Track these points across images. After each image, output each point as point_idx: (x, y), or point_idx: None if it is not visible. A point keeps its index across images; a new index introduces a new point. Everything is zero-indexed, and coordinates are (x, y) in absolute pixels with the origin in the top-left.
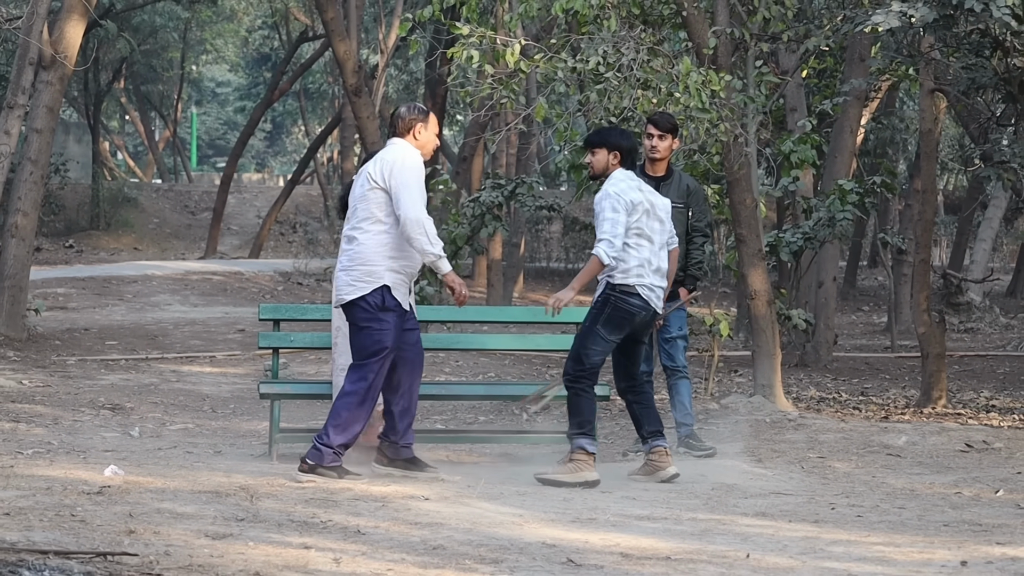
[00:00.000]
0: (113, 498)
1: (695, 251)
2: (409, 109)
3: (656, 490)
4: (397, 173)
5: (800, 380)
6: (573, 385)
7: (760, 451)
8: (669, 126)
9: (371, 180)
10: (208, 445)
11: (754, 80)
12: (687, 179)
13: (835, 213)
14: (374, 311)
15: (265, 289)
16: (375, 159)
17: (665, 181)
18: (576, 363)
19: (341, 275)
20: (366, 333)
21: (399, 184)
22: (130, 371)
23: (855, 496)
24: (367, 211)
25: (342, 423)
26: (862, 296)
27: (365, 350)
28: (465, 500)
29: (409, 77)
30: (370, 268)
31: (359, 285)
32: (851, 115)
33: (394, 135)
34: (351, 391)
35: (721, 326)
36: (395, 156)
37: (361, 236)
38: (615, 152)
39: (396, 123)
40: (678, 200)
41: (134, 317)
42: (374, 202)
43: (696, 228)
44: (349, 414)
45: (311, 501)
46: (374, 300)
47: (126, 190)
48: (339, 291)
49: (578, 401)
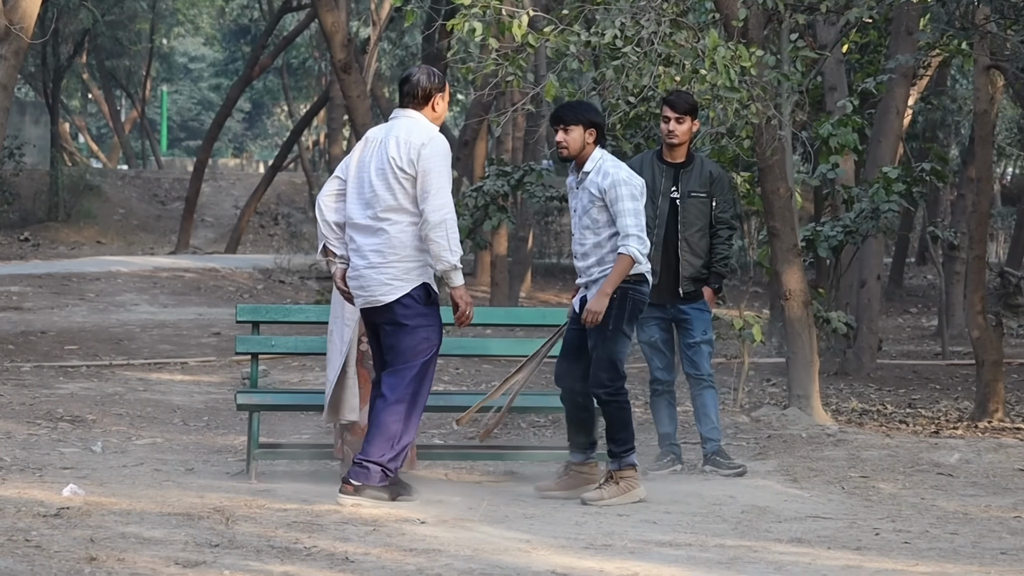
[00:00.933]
0: (72, 521)
1: (720, 245)
2: (429, 75)
3: (679, 513)
4: (427, 160)
5: (840, 390)
6: (615, 398)
7: (795, 470)
8: (687, 107)
9: (394, 166)
10: (179, 462)
11: (789, 56)
12: (709, 165)
13: (879, 204)
14: (420, 305)
15: (243, 288)
16: (393, 139)
17: (685, 168)
18: (612, 372)
19: (370, 273)
20: (413, 333)
21: (429, 175)
22: (92, 379)
23: (902, 520)
24: (392, 200)
25: (391, 436)
26: (909, 297)
27: (413, 350)
28: (466, 524)
29: (404, 52)
30: (408, 265)
31: (396, 284)
32: (897, 95)
33: (408, 105)
34: (399, 399)
35: (752, 330)
36: (422, 137)
37: (391, 228)
38: (592, 129)
39: (413, 90)
40: (700, 189)
41: (97, 319)
42: (400, 191)
43: (721, 220)
44: (398, 425)
45: (294, 525)
46: (418, 294)
47: (88, 177)
48: (371, 292)
49: (622, 415)
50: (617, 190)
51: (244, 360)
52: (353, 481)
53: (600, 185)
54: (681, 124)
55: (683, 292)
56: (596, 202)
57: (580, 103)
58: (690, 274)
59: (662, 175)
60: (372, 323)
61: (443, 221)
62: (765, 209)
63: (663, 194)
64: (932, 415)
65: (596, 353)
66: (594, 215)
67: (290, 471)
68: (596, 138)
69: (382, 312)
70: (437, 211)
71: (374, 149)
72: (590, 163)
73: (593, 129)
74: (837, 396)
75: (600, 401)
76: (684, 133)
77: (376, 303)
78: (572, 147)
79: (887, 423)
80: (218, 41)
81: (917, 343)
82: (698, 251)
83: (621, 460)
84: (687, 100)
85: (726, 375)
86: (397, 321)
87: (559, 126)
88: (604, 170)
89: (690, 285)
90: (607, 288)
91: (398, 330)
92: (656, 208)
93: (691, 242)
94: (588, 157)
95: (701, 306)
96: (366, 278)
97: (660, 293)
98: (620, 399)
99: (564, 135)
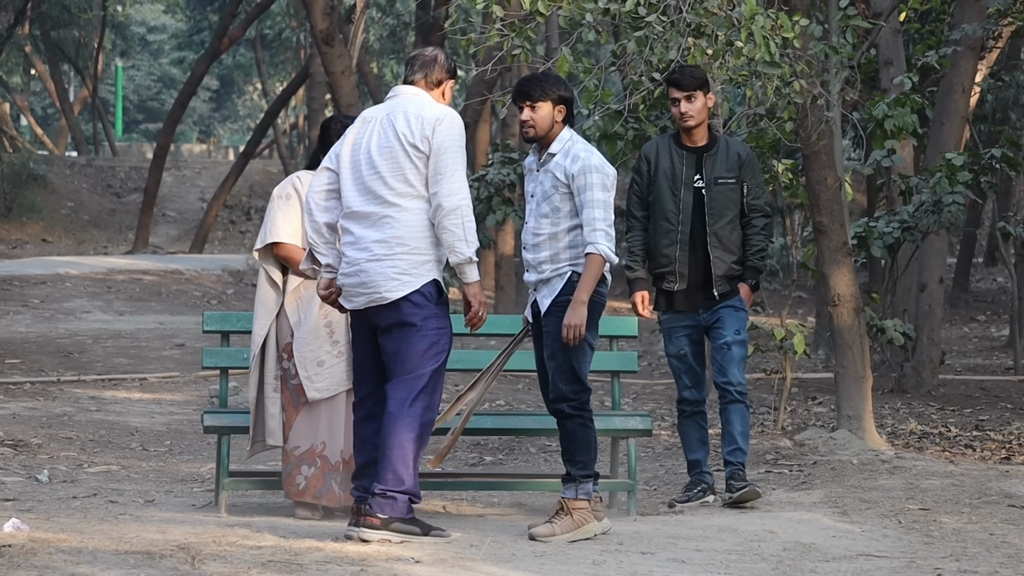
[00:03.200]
0: (15, 560)
1: (754, 236)
2: (447, 58)
3: (711, 551)
4: (443, 137)
5: (897, 410)
6: (580, 413)
7: (845, 501)
8: (696, 82)
9: (405, 143)
10: (137, 492)
11: (838, 25)
12: (736, 146)
13: (942, 196)
14: (431, 304)
15: (210, 293)
16: (401, 114)
17: (709, 152)
18: (575, 384)
19: (374, 267)
20: (423, 335)
21: (445, 153)
22: (37, 397)
23: (967, 559)
24: (402, 182)
25: (409, 457)
26: (977, 302)
27: (423, 356)
28: (466, 563)
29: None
30: (418, 258)
31: (405, 278)
32: (962, 70)
33: (416, 83)
34: (413, 414)
35: (795, 341)
36: (436, 112)
37: (399, 216)
38: (561, 106)
39: (425, 69)
40: (728, 174)
41: (42, 328)
42: (412, 171)
43: (754, 207)
44: (415, 444)
45: (270, 564)
46: (429, 291)
47: (31, 165)
48: (374, 288)
49: (586, 433)
50: (587, 177)
51: (212, 375)
52: (380, 515)
53: (568, 170)
54: (693, 102)
55: (718, 293)
56: (560, 188)
57: (547, 75)
58: (724, 272)
59: (682, 162)
60: (369, 328)
61: (459, 207)
62: (810, 202)
63: (685, 184)
64: (1002, 438)
65: (555, 362)
66: (556, 203)
67: (265, 503)
68: (565, 116)
69: (387, 312)
70: (452, 195)
71: (374, 128)
72: (557, 144)
73: (562, 106)
74: (893, 416)
75: (561, 416)
76: (699, 111)
77: (381, 301)
78: (540, 126)
79: (950, 448)
80: (181, 8)
81: (985, 356)
82: (730, 245)
83: (578, 487)
84: (692, 74)
85: (765, 392)
86: (406, 321)
87: (525, 103)
88: (574, 153)
89: (725, 285)
90: (581, 295)
91: (406, 332)
92: (678, 200)
93: (721, 236)
94: (555, 137)
95: (736, 303)
96: (368, 272)
97: (690, 297)
98: (585, 414)
99: (531, 112)
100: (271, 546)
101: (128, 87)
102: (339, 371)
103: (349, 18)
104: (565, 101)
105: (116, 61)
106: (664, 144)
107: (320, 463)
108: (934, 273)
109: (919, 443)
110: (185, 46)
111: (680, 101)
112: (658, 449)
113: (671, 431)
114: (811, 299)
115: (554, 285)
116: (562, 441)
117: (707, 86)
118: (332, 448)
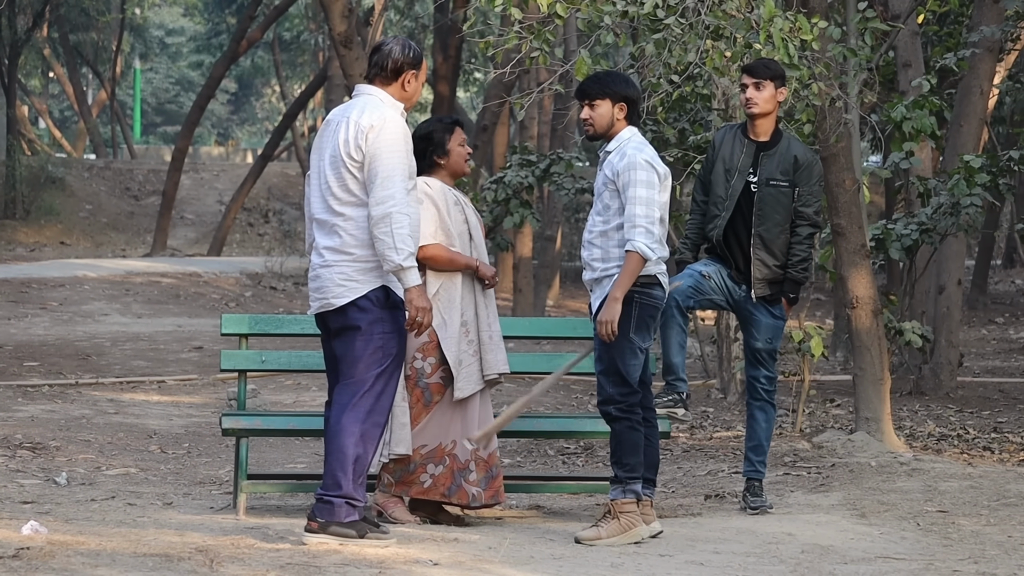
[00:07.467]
0: (33, 563)
1: (798, 246)
2: (404, 48)
3: (730, 553)
4: (374, 144)
5: (915, 412)
6: (627, 416)
7: (863, 503)
8: (769, 72)
9: (342, 153)
10: (155, 495)
11: (856, 27)
12: (797, 147)
13: (960, 198)
14: (377, 308)
15: (229, 295)
16: (345, 122)
17: (768, 150)
18: (622, 386)
19: (325, 273)
20: (367, 340)
21: (376, 160)
22: (55, 400)
23: (986, 562)
24: (344, 190)
25: (348, 460)
26: (995, 305)
27: (367, 360)
28: (485, 566)
29: (414, 23)
30: (364, 265)
31: (351, 284)
32: (981, 72)
33: (374, 80)
34: (353, 418)
35: (813, 343)
36: (371, 119)
37: (344, 224)
38: (622, 103)
39: (381, 62)
40: (781, 176)
41: (60, 331)
42: (351, 180)
43: (802, 214)
44: (356, 448)
45: (288, 567)
46: (376, 296)
47: (50, 168)
48: (324, 294)
49: (632, 436)
50: (632, 174)
51: (230, 378)
52: (319, 518)
53: (615, 167)
54: (761, 91)
55: (756, 297)
56: (609, 185)
57: (608, 73)
58: (764, 275)
59: (742, 151)
60: (327, 330)
61: (387, 215)
62: (828, 204)
63: (739, 172)
64: (1021, 440)
65: (602, 364)
66: (606, 200)
67: (283, 505)
68: (627, 114)
69: (336, 316)
70: (380, 204)
71: (330, 133)
72: (615, 142)
73: (623, 103)
74: (911, 419)
75: (609, 418)
76: (765, 101)
77: (329, 307)
78: (599, 124)
79: (969, 450)
80: (199, 11)
81: (1004, 358)
82: (774, 250)
83: (625, 488)
84: (767, 64)
85: (783, 395)
86: (351, 325)
87: (584, 101)
88: (623, 151)
89: (765, 288)
90: (616, 292)
91: (352, 336)
92: (728, 188)
93: (766, 238)
94: (616, 135)
95: (777, 311)
96: (321, 278)
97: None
98: (633, 417)
99: (590, 111)
100: (289, 549)
101: (146, 90)
102: (475, 370)
103: (367, 21)
104: (626, 99)
105: (135, 64)
106: (732, 131)
107: (449, 461)
108: (952, 275)
109: (937, 445)
110: (203, 49)
111: (748, 86)
112: (676, 452)
113: (689, 434)
114: (829, 301)
115: (604, 286)
116: (611, 443)
117: (781, 80)
118: (462, 446)
